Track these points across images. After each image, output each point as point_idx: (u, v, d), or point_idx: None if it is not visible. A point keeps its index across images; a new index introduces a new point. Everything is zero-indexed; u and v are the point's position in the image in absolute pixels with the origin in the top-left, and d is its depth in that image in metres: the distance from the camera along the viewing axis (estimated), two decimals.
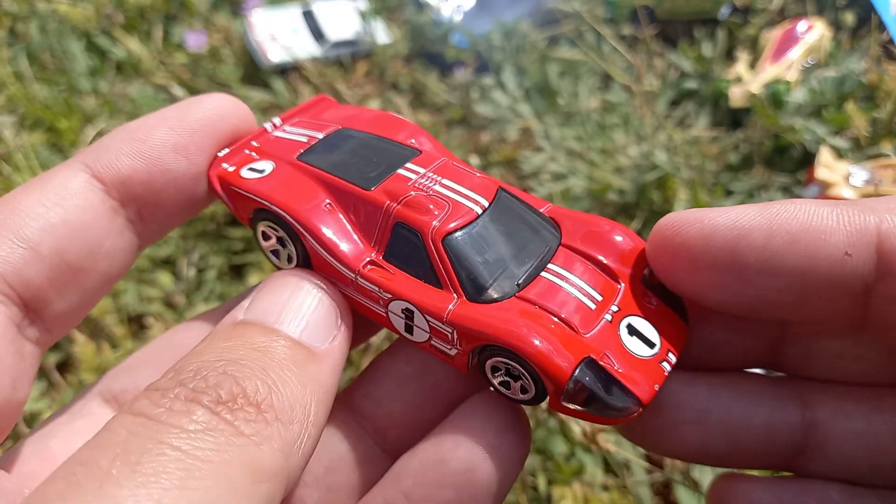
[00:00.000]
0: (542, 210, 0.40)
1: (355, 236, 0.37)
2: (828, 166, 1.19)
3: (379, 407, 0.38)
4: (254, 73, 1.62)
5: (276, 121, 0.44)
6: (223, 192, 0.39)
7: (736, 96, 1.38)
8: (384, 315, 0.36)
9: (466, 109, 1.48)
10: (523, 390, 0.34)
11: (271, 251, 0.39)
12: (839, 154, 1.25)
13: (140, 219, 0.37)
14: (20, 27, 1.66)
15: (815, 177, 1.19)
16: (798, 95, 1.33)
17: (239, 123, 0.40)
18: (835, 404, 0.36)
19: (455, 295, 0.34)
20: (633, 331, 0.34)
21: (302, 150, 0.40)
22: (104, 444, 0.25)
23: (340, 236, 0.36)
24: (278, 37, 1.61)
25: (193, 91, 1.55)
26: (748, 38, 1.53)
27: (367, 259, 0.36)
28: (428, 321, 0.34)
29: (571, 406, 0.32)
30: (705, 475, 0.92)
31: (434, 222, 0.35)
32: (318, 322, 0.33)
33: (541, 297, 0.34)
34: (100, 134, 1.43)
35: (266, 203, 0.37)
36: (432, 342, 0.35)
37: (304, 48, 1.63)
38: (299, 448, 0.29)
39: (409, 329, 0.36)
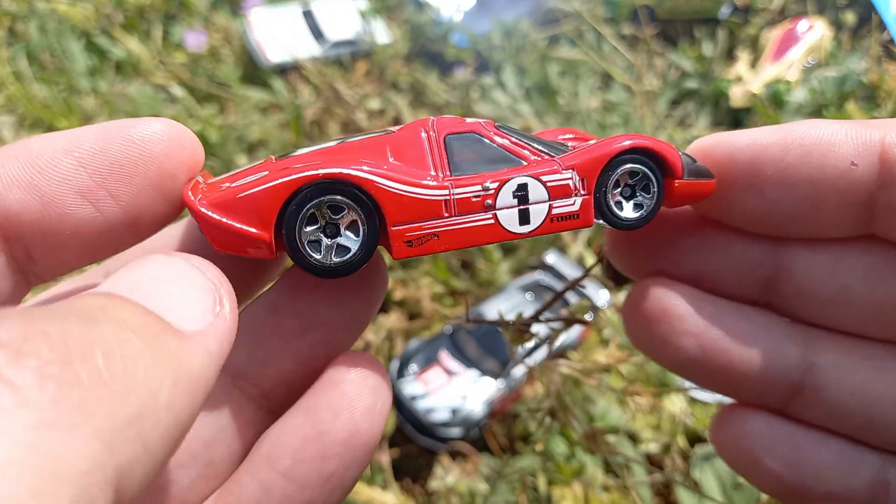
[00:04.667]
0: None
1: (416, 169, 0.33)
2: None
3: (265, 367, 0.35)
4: (253, 72, 1.62)
5: (200, 179, 0.34)
6: (216, 212, 0.31)
7: (736, 96, 1.38)
8: (492, 223, 0.33)
9: (467, 109, 1.48)
10: (637, 206, 0.36)
11: (310, 241, 0.32)
12: None
13: (27, 258, 0.30)
14: (19, 27, 1.65)
15: None
16: (799, 95, 1.33)
17: (178, 166, 0.31)
18: (838, 354, 0.37)
19: (547, 156, 0.35)
20: None
21: (274, 158, 0.34)
22: None
23: (409, 171, 0.33)
24: (278, 36, 1.61)
25: (193, 91, 1.55)
26: (749, 38, 1.52)
27: (443, 178, 0.33)
28: (546, 184, 0.34)
29: (691, 179, 0.35)
30: (706, 475, 0.91)
31: (478, 120, 0.35)
32: (185, 299, 0.26)
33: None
34: None
35: (311, 174, 0.31)
36: (553, 209, 0.34)
37: (303, 48, 1.62)
38: (138, 437, 0.19)
39: (524, 216, 0.34)
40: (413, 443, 1.08)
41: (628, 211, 0.36)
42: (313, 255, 0.32)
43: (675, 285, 0.38)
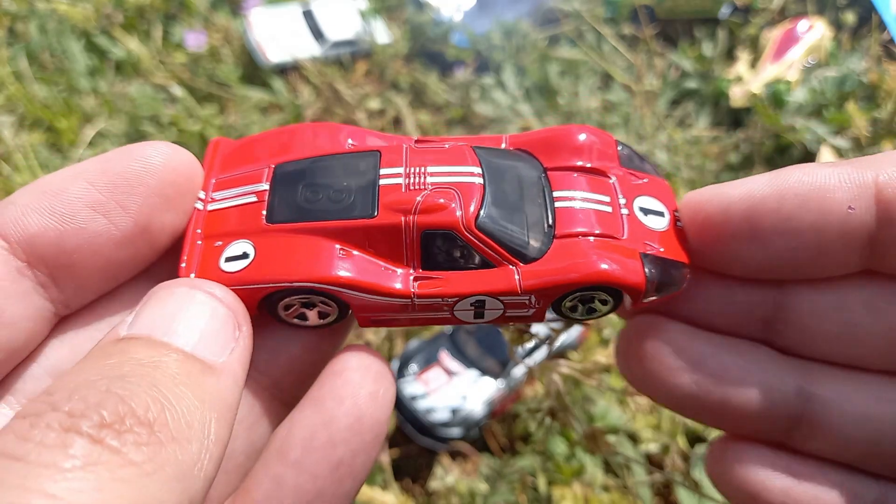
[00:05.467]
0: (504, 146, 0.40)
1: (386, 265, 0.35)
2: None
3: (275, 356, 0.38)
4: (253, 72, 1.62)
5: (201, 194, 0.38)
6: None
7: (736, 96, 1.38)
8: (449, 317, 0.36)
9: (467, 109, 1.48)
10: (590, 311, 0.37)
11: (296, 317, 0.37)
12: (840, 154, 1.25)
13: (53, 283, 0.32)
14: (20, 27, 1.65)
15: None
16: (799, 95, 1.33)
17: (177, 177, 0.34)
18: (836, 384, 0.37)
19: (512, 266, 0.35)
20: (645, 211, 0.38)
21: (264, 213, 0.36)
22: None
23: (376, 274, 0.35)
24: (278, 36, 1.61)
25: (193, 91, 1.55)
26: (749, 38, 1.53)
27: (412, 278, 0.35)
28: (503, 301, 0.35)
29: (647, 300, 0.35)
30: (706, 475, 0.91)
31: (458, 214, 0.34)
32: (212, 333, 0.30)
33: (573, 226, 0.36)
34: (100, 134, 1.43)
35: (285, 285, 0.34)
36: (507, 314, 0.36)
37: (303, 48, 1.62)
38: (200, 471, 0.26)
39: (479, 315, 0.36)
40: (413, 443, 1.09)
41: (581, 312, 0.37)
42: (299, 322, 0.37)
43: (669, 322, 0.38)
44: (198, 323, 0.30)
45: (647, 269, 0.34)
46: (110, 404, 0.24)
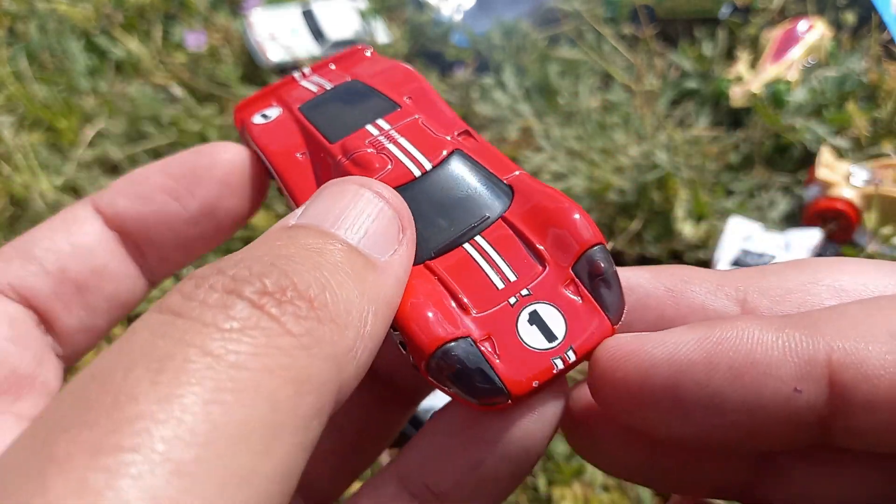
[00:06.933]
0: (508, 176, 0.36)
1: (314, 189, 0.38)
2: (828, 166, 1.19)
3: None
4: (253, 72, 1.62)
5: (306, 70, 0.45)
6: (242, 131, 0.43)
7: (736, 96, 1.38)
8: None
9: (467, 109, 1.48)
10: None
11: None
12: (840, 154, 1.25)
13: (139, 253, 0.38)
14: (19, 27, 1.65)
15: (815, 177, 1.19)
16: (799, 95, 1.33)
17: (238, 169, 0.41)
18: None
19: None
20: (535, 320, 0.31)
21: (307, 101, 0.41)
22: (123, 350, 0.22)
23: (302, 184, 0.37)
24: (278, 36, 1.61)
25: (193, 91, 1.55)
26: (749, 38, 1.53)
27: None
28: None
29: (436, 382, 0.30)
30: None
31: (370, 179, 0.34)
32: (378, 232, 0.31)
33: (446, 268, 0.32)
34: (100, 134, 1.43)
35: (254, 146, 0.40)
36: None
37: (303, 47, 1.62)
38: (354, 358, 0.26)
39: None
40: None
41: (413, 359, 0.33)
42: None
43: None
44: (364, 220, 0.31)
45: (447, 348, 0.29)
46: (273, 275, 0.24)
